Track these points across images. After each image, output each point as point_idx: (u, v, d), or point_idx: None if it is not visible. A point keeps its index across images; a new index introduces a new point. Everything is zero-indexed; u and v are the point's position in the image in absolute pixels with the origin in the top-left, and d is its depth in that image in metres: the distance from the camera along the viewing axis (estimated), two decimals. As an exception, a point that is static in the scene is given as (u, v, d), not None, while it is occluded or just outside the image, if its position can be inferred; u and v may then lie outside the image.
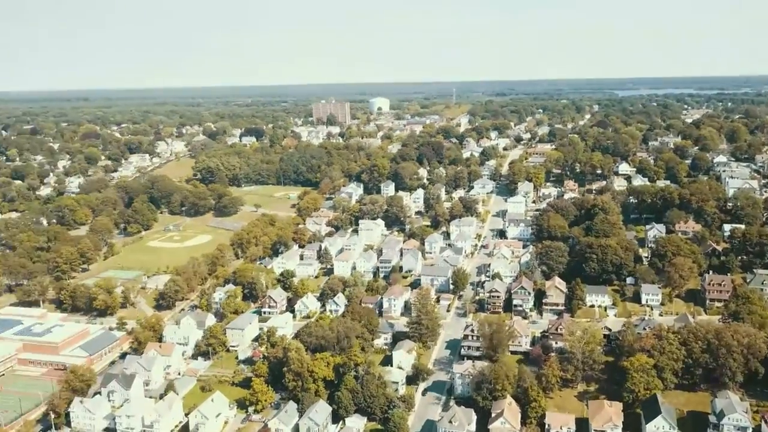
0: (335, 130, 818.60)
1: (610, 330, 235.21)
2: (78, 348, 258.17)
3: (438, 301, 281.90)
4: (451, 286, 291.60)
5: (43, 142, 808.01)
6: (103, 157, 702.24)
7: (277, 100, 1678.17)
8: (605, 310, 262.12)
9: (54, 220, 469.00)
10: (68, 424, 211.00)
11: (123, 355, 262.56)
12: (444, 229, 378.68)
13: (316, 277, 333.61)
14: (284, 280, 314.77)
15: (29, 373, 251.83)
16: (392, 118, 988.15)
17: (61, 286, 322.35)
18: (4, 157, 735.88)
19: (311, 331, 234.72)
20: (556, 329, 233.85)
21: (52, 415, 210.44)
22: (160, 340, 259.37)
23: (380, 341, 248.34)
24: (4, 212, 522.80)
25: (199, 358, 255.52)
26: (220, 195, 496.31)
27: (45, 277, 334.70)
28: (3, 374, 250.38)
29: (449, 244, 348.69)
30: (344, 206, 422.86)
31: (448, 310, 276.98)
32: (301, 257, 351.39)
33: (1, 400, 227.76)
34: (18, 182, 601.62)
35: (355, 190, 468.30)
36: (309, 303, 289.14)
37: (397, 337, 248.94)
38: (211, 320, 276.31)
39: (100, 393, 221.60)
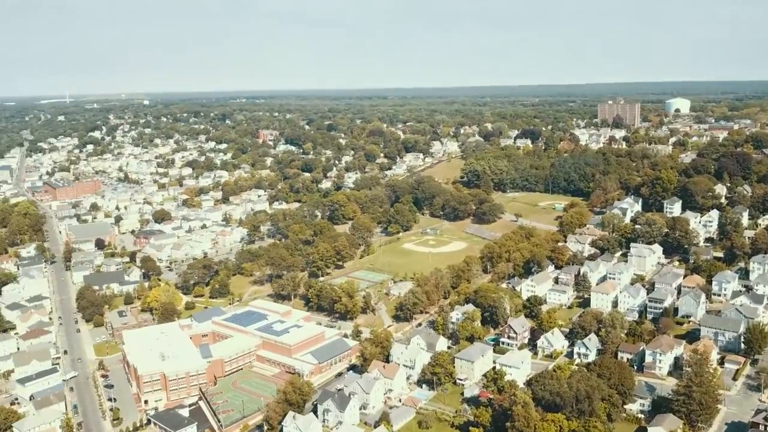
0: (620, 133, 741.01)
1: None
2: (309, 353, 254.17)
3: (722, 363, 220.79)
4: (743, 346, 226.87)
5: (335, 137, 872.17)
6: (381, 155, 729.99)
7: (564, 100, 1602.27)
8: None
9: (327, 214, 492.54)
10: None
11: (351, 367, 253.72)
12: (741, 265, 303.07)
13: (569, 307, 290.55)
14: (531, 308, 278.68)
15: (263, 372, 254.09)
16: (691, 122, 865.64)
17: (310, 283, 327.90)
18: (301, 150, 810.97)
19: (546, 382, 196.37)
20: None
21: (266, 427, 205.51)
22: (386, 358, 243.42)
23: (634, 407, 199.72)
24: (290, 202, 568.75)
25: (423, 386, 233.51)
26: (481, 200, 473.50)
27: (299, 272, 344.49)
28: (241, 368, 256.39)
29: (746, 287, 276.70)
30: (614, 224, 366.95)
31: (734, 378, 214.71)
32: (556, 281, 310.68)
33: (230, 396, 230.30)
34: (306, 174, 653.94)
35: (631, 206, 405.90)
36: (554, 340, 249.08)
37: (658, 405, 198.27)
38: (442, 344, 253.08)
39: (316, 409, 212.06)
